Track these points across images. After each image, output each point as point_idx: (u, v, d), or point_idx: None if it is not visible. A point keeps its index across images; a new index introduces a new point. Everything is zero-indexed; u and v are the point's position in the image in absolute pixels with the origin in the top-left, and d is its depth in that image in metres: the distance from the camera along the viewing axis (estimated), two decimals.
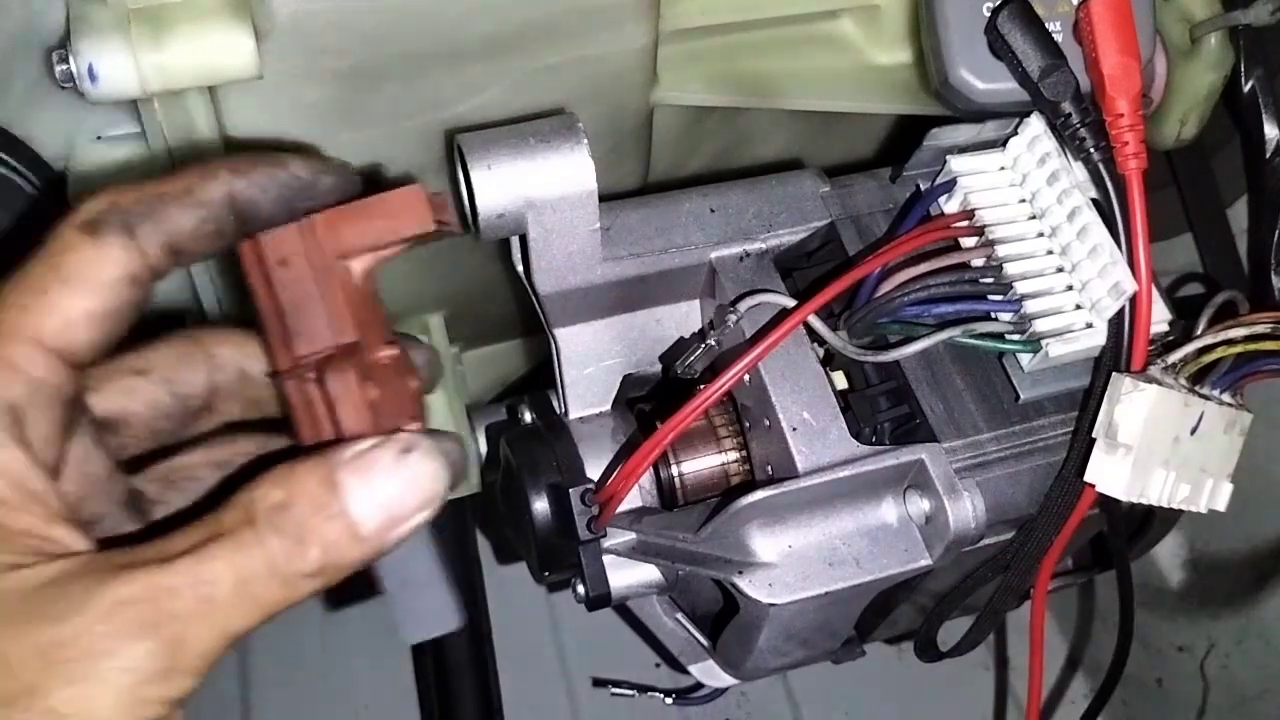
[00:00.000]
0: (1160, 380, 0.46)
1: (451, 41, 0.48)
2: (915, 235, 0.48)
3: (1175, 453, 0.46)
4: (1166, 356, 0.47)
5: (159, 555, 0.31)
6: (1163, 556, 0.86)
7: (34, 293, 0.33)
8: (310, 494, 0.32)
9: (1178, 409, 0.46)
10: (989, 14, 0.48)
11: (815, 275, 0.52)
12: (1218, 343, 0.48)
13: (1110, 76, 0.47)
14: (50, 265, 0.33)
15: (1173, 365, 0.47)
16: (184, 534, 0.32)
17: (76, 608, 0.30)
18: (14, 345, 0.33)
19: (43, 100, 0.46)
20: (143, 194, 0.35)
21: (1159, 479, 0.46)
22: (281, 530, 0.32)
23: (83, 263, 0.34)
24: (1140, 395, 0.45)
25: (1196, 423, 0.47)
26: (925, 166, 0.51)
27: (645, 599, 0.53)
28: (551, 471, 0.49)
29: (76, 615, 0.30)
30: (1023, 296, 0.47)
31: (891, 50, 0.56)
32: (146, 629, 0.30)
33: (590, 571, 0.49)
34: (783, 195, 0.52)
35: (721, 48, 0.55)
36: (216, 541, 0.32)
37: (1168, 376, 0.47)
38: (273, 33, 0.44)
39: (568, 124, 0.45)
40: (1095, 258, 0.46)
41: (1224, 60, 0.56)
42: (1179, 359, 0.47)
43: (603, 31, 0.50)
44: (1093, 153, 0.47)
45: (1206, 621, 0.83)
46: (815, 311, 0.46)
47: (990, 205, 0.49)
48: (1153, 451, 0.46)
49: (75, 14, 0.43)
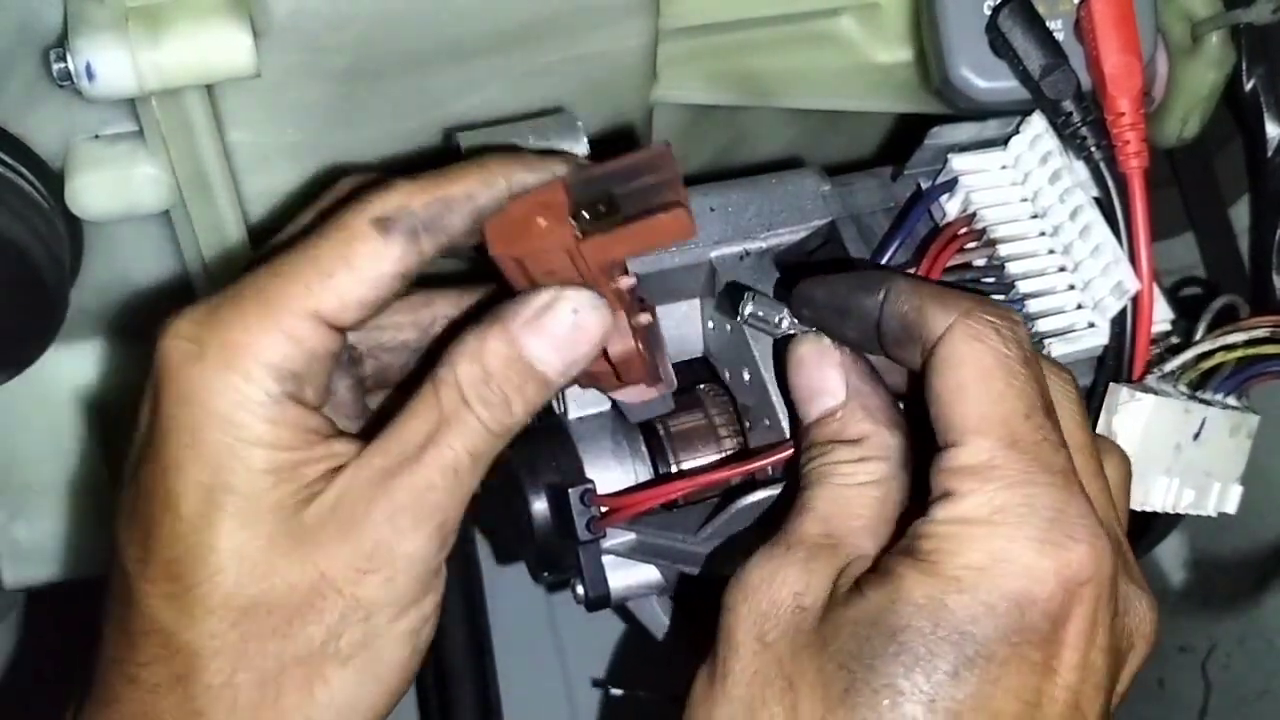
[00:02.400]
0: (1158, 389, 0.46)
1: (451, 39, 0.47)
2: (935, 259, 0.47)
3: (1178, 460, 0.46)
4: (1165, 365, 0.47)
5: (408, 453, 0.38)
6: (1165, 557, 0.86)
7: (321, 275, 0.38)
8: (504, 362, 0.39)
9: (1178, 416, 0.46)
10: (990, 12, 0.48)
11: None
12: (1217, 349, 0.48)
13: (1111, 75, 0.47)
14: (339, 253, 0.38)
15: (1172, 373, 0.47)
16: (416, 419, 0.38)
17: (364, 523, 0.38)
18: (297, 320, 0.37)
19: (40, 98, 0.46)
20: (431, 199, 0.39)
21: (1161, 486, 0.46)
22: (490, 402, 0.38)
23: (369, 256, 0.38)
24: (1137, 405, 0.45)
25: (1199, 429, 0.47)
26: (926, 165, 0.51)
27: (645, 600, 0.53)
28: (551, 472, 0.48)
29: (369, 529, 0.38)
30: (1025, 296, 0.47)
31: (892, 48, 0.55)
32: (420, 522, 0.38)
33: (589, 572, 0.48)
34: (783, 194, 0.51)
35: (721, 46, 0.55)
36: (447, 429, 0.38)
37: (1166, 384, 0.47)
38: (271, 31, 0.44)
39: (567, 122, 0.45)
40: (1097, 257, 0.46)
41: (1226, 59, 0.56)
42: (1177, 366, 0.47)
43: (602, 29, 0.49)
44: (1094, 151, 0.47)
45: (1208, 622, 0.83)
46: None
47: (992, 204, 0.49)
48: (1153, 460, 0.46)
49: (73, 12, 0.43)
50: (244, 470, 0.37)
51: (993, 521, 0.34)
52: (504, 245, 0.38)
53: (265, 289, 0.38)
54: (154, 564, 0.37)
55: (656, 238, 0.38)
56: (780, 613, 0.36)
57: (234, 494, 0.37)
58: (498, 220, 0.39)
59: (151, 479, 0.38)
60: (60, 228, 0.48)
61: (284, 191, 0.52)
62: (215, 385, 0.37)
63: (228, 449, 0.37)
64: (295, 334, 0.38)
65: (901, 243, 0.47)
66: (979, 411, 0.35)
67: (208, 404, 0.37)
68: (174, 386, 0.37)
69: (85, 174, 0.47)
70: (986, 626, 0.33)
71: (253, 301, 0.38)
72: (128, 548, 0.38)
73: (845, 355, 0.41)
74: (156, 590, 0.37)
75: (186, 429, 0.37)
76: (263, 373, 0.37)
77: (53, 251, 0.47)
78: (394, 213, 0.38)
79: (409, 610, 0.39)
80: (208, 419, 0.37)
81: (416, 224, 0.39)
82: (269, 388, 0.37)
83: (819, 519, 0.38)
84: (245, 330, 0.37)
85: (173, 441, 0.37)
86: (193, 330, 0.38)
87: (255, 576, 0.37)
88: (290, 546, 0.37)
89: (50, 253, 0.47)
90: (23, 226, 0.45)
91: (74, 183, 0.47)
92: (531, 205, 0.39)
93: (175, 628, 0.37)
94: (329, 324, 0.38)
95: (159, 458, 0.38)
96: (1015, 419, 0.35)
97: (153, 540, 0.37)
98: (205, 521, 0.37)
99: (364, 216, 0.38)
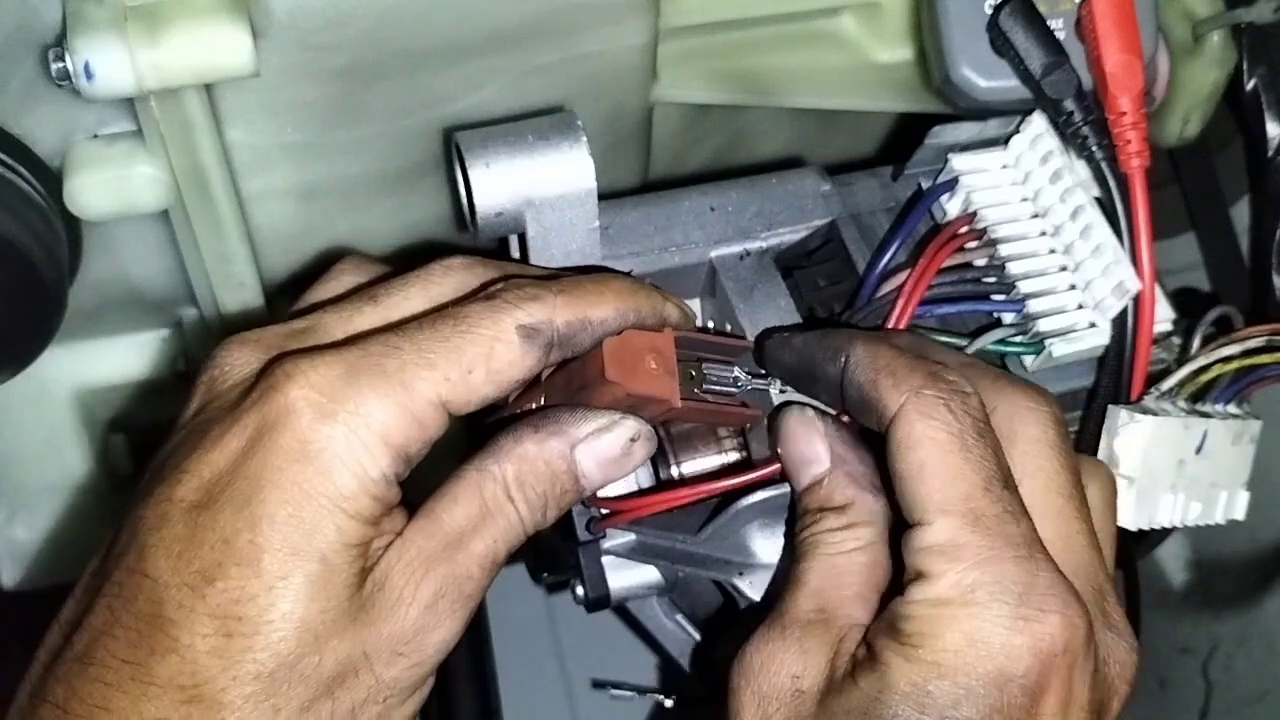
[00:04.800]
0: (1156, 409, 0.46)
1: (450, 38, 0.47)
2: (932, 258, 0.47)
3: (1181, 475, 0.46)
4: (1162, 384, 0.47)
5: (450, 540, 0.38)
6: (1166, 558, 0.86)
7: (461, 370, 0.38)
8: (554, 470, 0.40)
9: (1178, 433, 0.46)
10: (991, 11, 0.48)
11: (817, 274, 0.51)
12: (1213, 362, 0.48)
13: (1112, 74, 0.47)
14: (482, 352, 0.38)
15: (1169, 390, 0.47)
16: (459, 507, 0.39)
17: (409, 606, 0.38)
18: (428, 407, 0.37)
19: (39, 98, 0.46)
20: (575, 318, 0.39)
21: (1167, 503, 0.46)
22: (531, 503, 0.40)
23: (509, 362, 0.38)
24: (1137, 426, 0.45)
25: (1200, 442, 0.47)
26: (927, 165, 0.51)
27: (645, 600, 0.53)
28: None
29: (412, 613, 0.38)
30: (1026, 296, 0.47)
31: (893, 47, 0.55)
32: (456, 610, 0.39)
33: (589, 573, 0.48)
34: (783, 194, 0.51)
35: (721, 45, 0.55)
36: (490, 522, 0.39)
37: (1164, 402, 0.47)
38: (270, 30, 0.44)
39: (567, 121, 0.45)
40: (1099, 257, 0.46)
41: (1227, 58, 0.56)
42: (1175, 384, 0.47)
43: (602, 28, 0.49)
44: (1095, 151, 0.47)
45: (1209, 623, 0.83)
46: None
47: (992, 204, 0.49)
48: (1157, 479, 0.46)
49: (72, 11, 0.43)
50: (337, 542, 0.36)
51: (966, 601, 0.36)
52: (619, 374, 0.39)
53: (406, 368, 0.37)
54: (207, 610, 0.35)
55: (730, 422, 0.44)
56: (781, 695, 0.38)
57: (320, 564, 0.36)
58: (615, 345, 0.40)
59: (232, 524, 0.36)
60: (59, 227, 0.48)
61: (283, 191, 0.52)
62: (340, 453, 0.36)
63: (329, 518, 0.36)
64: (423, 419, 0.37)
65: (902, 242, 0.47)
66: (940, 490, 0.37)
67: (327, 470, 0.36)
68: (292, 438, 0.36)
69: (84, 173, 0.47)
70: (969, 710, 0.35)
71: (394, 380, 0.37)
72: (171, 576, 0.36)
73: (828, 424, 0.42)
74: (201, 631, 0.35)
75: (293, 486, 0.36)
76: (386, 452, 0.37)
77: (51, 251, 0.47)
78: (540, 326, 0.39)
79: (419, 691, 0.40)
80: (321, 484, 0.36)
81: (555, 338, 0.39)
82: (385, 468, 0.37)
83: (812, 593, 0.40)
84: (382, 407, 0.37)
85: (273, 496, 0.36)
86: (328, 388, 0.36)
87: (309, 648, 0.36)
88: (345, 623, 0.37)
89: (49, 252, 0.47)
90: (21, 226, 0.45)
91: (73, 182, 0.47)
92: (644, 343, 0.40)
93: (209, 675, 0.35)
94: (449, 410, 0.38)
95: (249, 505, 0.36)
96: (975, 494, 0.37)
97: (215, 587, 0.36)
98: (284, 586, 0.36)
99: (512, 321, 0.38)
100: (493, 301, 0.39)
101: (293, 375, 0.37)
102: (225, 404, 0.38)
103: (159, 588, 0.36)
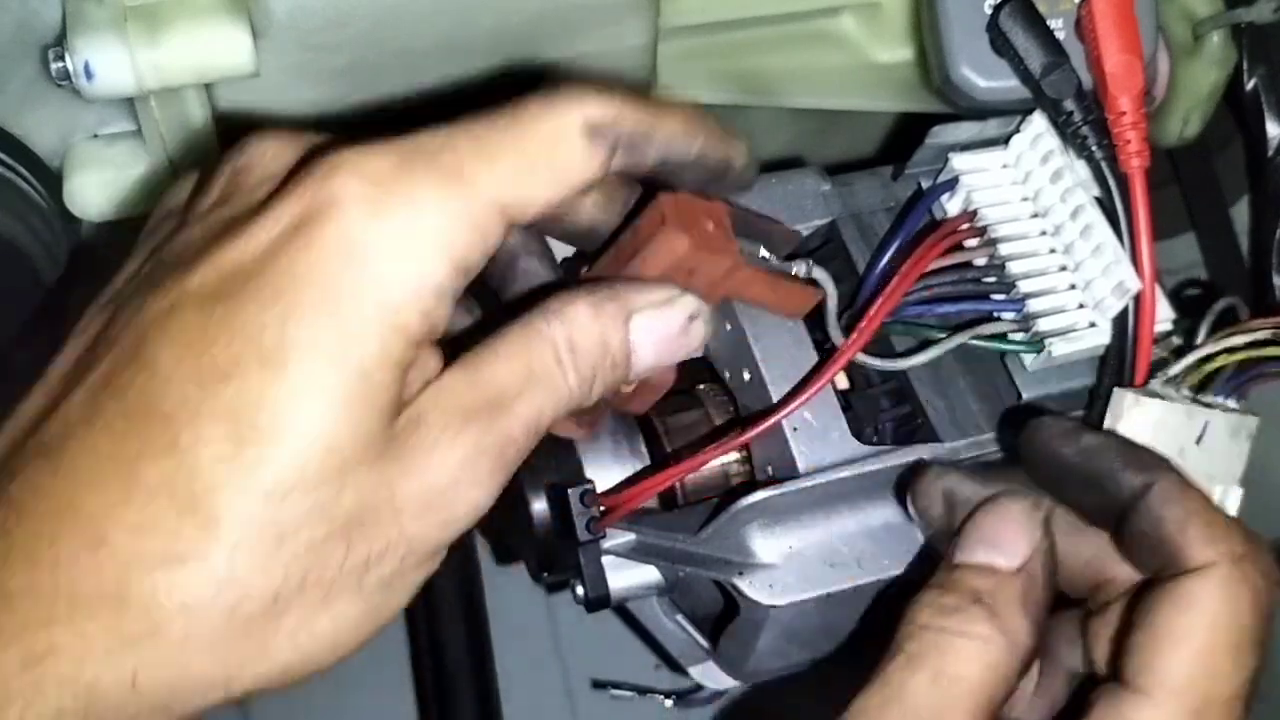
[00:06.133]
0: (1162, 394, 0.46)
1: (450, 38, 0.47)
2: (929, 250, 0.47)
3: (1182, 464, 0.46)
4: (1168, 369, 0.47)
5: (495, 399, 0.34)
6: None
7: (521, 171, 0.33)
8: (607, 340, 0.36)
9: (1182, 421, 0.46)
10: (990, 11, 0.48)
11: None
12: (1218, 351, 0.47)
13: (1112, 74, 0.47)
14: (545, 151, 0.34)
15: (1175, 377, 0.47)
16: (506, 365, 0.34)
17: (446, 456, 0.33)
18: (488, 211, 0.33)
19: (39, 98, 0.46)
20: (642, 122, 0.35)
21: None
22: (581, 374, 0.35)
23: (572, 165, 0.34)
24: (1142, 410, 0.45)
25: (1201, 432, 0.47)
26: (927, 164, 0.51)
27: (645, 600, 0.53)
28: (550, 471, 0.48)
29: (451, 464, 0.33)
30: (1025, 296, 0.47)
31: (892, 47, 0.55)
32: (495, 474, 0.35)
33: (589, 573, 0.48)
34: (783, 193, 0.51)
35: (721, 45, 0.55)
36: (538, 386, 0.34)
37: (1170, 389, 0.47)
38: (270, 30, 0.44)
39: None
40: (1099, 256, 0.46)
41: (1227, 58, 0.56)
42: (1180, 370, 0.47)
43: (602, 28, 0.49)
44: (1095, 151, 0.47)
45: None
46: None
47: (992, 204, 0.49)
48: None
49: (71, 11, 0.43)
50: (380, 356, 0.31)
51: None
52: (679, 226, 0.37)
53: (465, 163, 0.33)
54: (217, 411, 0.30)
55: (787, 303, 0.41)
56: None
57: (359, 378, 0.31)
58: (672, 202, 0.37)
59: (258, 318, 0.30)
60: (58, 227, 0.48)
61: None
62: (393, 255, 0.31)
63: (374, 328, 0.31)
64: (482, 227, 0.33)
65: (902, 242, 0.47)
66: (1187, 675, 0.33)
67: (377, 273, 0.31)
68: (338, 233, 0.31)
69: (84, 173, 0.47)
70: None
71: (451, 174, 0.32)
72: (176, 368, 0.31)
73: (1045, 540, 0.37)
74: (207, 434, 0.30)
75: (335, 286, 0.31)
76: (442, 261, 0.32)
77: (51, 251, 0.47)
78: (605, 125, 0.34)
79: (433, 558, 0.35)
80: (369, 289, 0.31)
81: (620, 140, 0.35)
82: (442, 279, 0.32)
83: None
84: (439, 207, 0.32)
85: (310, 293, 0.31)
86: (382, 177, 0.32)
87: (331, 475, 0.31)
88: (374, 456, 0.31)
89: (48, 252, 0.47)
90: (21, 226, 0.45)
91: (72, 182, 0.47)
92: (700, 207, 0.38)
93: (209, 485, 0.30)
94: (508, 219, 0.33)
95: (281, 300, 0.31)
96: (1218, 701, 0.33)
97: (230, 386, 0.30)
98: (313, 396, 0.30)
99: (575, 121, 0.34)
100: (553, 96, 0.35)
101: (339, 165, 0.32)
102: (252, 199, 0.34)
103: (158, 380, 0.31)
